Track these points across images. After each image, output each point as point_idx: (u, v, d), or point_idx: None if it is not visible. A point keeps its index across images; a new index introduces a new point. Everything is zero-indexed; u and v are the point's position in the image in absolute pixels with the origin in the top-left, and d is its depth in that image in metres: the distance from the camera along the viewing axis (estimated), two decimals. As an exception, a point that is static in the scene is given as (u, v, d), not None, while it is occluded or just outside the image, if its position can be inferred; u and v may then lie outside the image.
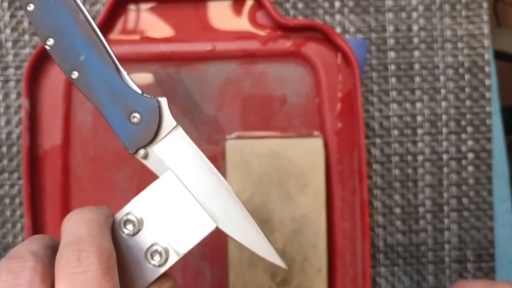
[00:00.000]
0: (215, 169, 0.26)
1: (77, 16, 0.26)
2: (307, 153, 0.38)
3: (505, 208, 0.41)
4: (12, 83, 0.41)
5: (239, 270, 0.38)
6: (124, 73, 0.26)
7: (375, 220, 0.41)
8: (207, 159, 0.26)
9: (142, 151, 0.26)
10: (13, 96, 0.41)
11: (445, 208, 0.41)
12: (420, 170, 0.41)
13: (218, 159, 0.39)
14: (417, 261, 0.41)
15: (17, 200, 0.41)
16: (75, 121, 0.40)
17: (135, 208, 0.25)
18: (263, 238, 0.25)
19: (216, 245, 0.40)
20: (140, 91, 0.26)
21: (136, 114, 0.26)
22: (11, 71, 0.41)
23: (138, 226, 0.24)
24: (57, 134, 0.40)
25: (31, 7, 0.26)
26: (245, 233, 0.25)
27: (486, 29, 0.41)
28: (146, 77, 0.40)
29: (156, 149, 0.26)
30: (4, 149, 0.41)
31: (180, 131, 0.26)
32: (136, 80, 0.40)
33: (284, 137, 0.40)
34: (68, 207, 0.40)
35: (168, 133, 0.26)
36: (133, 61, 0.40)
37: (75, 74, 0.26)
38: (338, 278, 0.39)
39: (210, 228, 0.25)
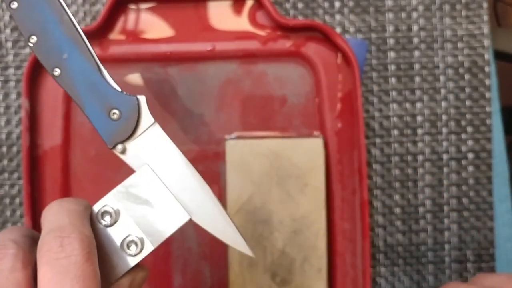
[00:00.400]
0: (190, 164, 0.27)
1: (61, 14, 0.27)
2: (307, 153, 0.38)
3: (505, 208, 0.41)
4: (12, 83, 0.41)
5: (239, 270, 0.38)
6: (105, 71, 0.27)
7: (375, 220, 0.41)
8: (183, 155, 0.27)
9: (120, 146, 0.27)
10: (13, 96, 0.41)
11: (445, 208, 0.41)
12: (420, 170, 0.41)
13: (218, 159, 0.39)
14: (417, 261, 0.41)
15: (17, 200, 0.41)
16: (75, 121, 0.40)
17: (112, 200, 0.25)
18: (233, 229, 0.27)
19: (216, 245, 0.40)
20: (119, 89, 0.27)
21: (116, 111, 0.27)
22: (11, 71, 0.41)
23: (115, 218, 0.25)
24: (57, 134, 0.40)
25: (14, 5, 0.27)
26: (217, 224, 0.26)
27: (486, 29, 0.41)
28: (146, 77, 0.40)
29: (133, 145, 0.27)
30: (4, 149, 0.41)
31: (157, 128, 0.27)
32: (136, 80, 0.40)
33: (284, 137, 0.40)
34: (68, 207, 0.40)
35: (146, 129, 0.27)
36: (133, 61, 0.40)
37: (57, 71, 0.27)
38: (338, 278, 0.39)
39: (184, 220, 0.26)
